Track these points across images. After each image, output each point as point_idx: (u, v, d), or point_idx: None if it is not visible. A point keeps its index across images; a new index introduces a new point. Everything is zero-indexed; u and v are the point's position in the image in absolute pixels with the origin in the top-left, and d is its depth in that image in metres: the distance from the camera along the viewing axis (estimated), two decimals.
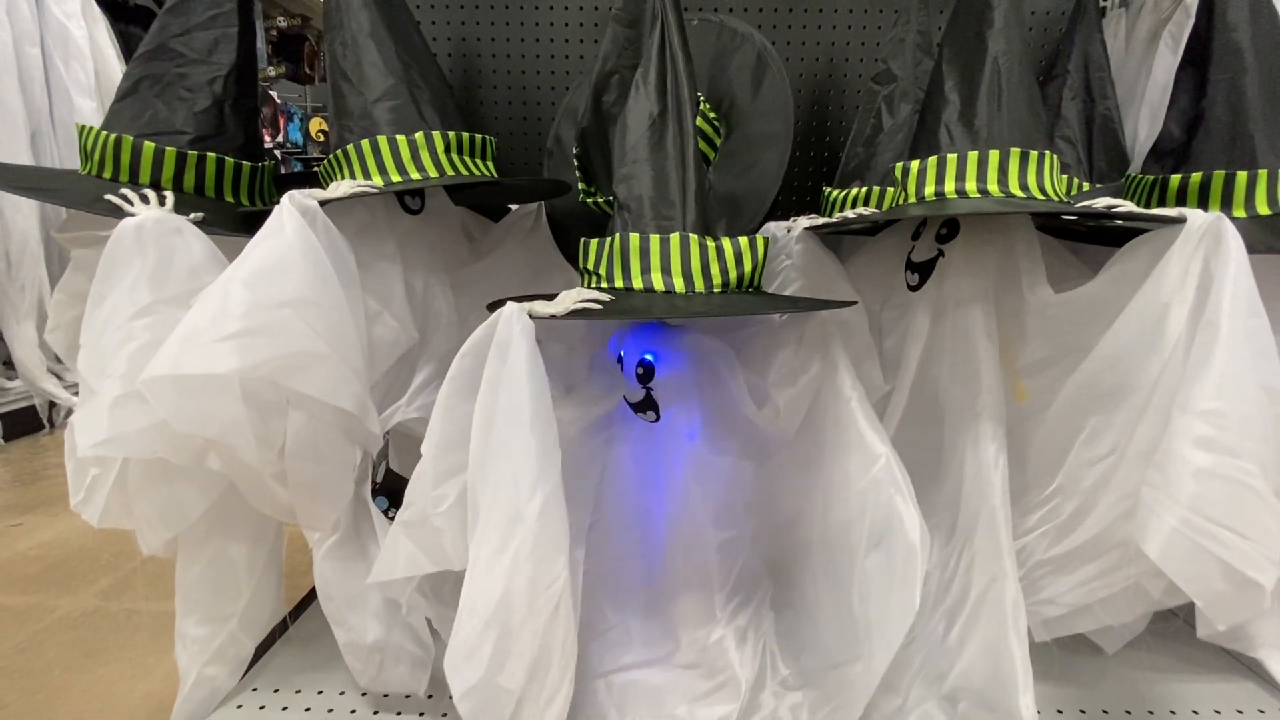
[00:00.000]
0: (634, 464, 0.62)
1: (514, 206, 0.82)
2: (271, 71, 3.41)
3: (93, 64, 2.05)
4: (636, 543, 0.63)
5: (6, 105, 1.88)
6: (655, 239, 0.55)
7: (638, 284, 0.55)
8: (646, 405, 0.59)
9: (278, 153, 3.24)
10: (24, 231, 1.91)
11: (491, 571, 0.46)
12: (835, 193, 0.80)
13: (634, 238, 0.55)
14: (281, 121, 3.56)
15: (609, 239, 0.57)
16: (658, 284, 0.55)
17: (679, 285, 0.55)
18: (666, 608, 0.63)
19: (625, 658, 0.63)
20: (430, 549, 0.51)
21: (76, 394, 0.55)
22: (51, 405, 2.00)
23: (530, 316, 0.48)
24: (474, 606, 0.46)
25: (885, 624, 0.52)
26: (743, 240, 0.56)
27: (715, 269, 0.55)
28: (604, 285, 0.57)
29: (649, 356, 0.58)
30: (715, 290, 0.55)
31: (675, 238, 0.55)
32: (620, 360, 0.59)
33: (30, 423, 2.01)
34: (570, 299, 0.50)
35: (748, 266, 0.56)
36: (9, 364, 2.07)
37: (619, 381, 0.60)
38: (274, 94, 3.38)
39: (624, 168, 0.57)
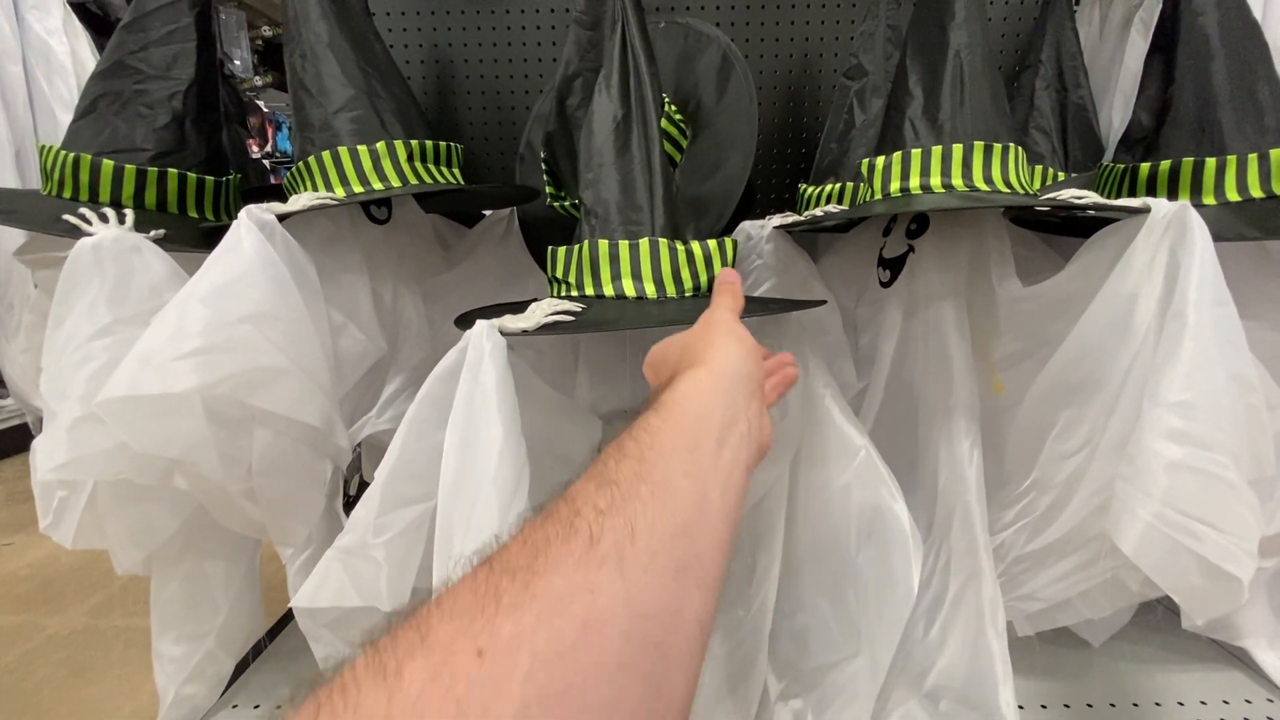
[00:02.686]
0: None
1: (488, 213, 0.82)
2: (258, 81, 3.40)
3: (75, 80, 2.03)
4: None
5: None
6: (625, 245, 0.54)
7: (609, 291, 0.54)
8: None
9: (266, 162, 3.23)
10: (10, 250, 1.90)
11: None
12: (810, 189, 0.79)
13: (603, 244, 0.54)
14: (270, 131, 3.55)
15: (577, 246, 0.56)
16: (629, 290, 0.54)
17: (650, 291, 0.54)
18: None
19: None
20: (362, 582, 0.48)
21: None
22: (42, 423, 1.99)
23: (501, 334, 0.47)
24: None
25: (884, 615, 0.53)
26: (712, 243, 0.56)
27: (686, 273, 0.55)
28: (574, 294, 0.56)
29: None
30: (687, 295, 0.55)
31: (645, 243, 0.54)
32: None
33: (22, 441, 2.01)
34: (541, 311, 0.50)
35: (718, 269, 0.56)
36: (0, 382, 2.07)
37: (608, 378, 0.60)
38: (261, 103, 3.37)
39: (589, 173, 0.57)
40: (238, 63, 3.05)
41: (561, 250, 0.57)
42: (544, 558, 0.21)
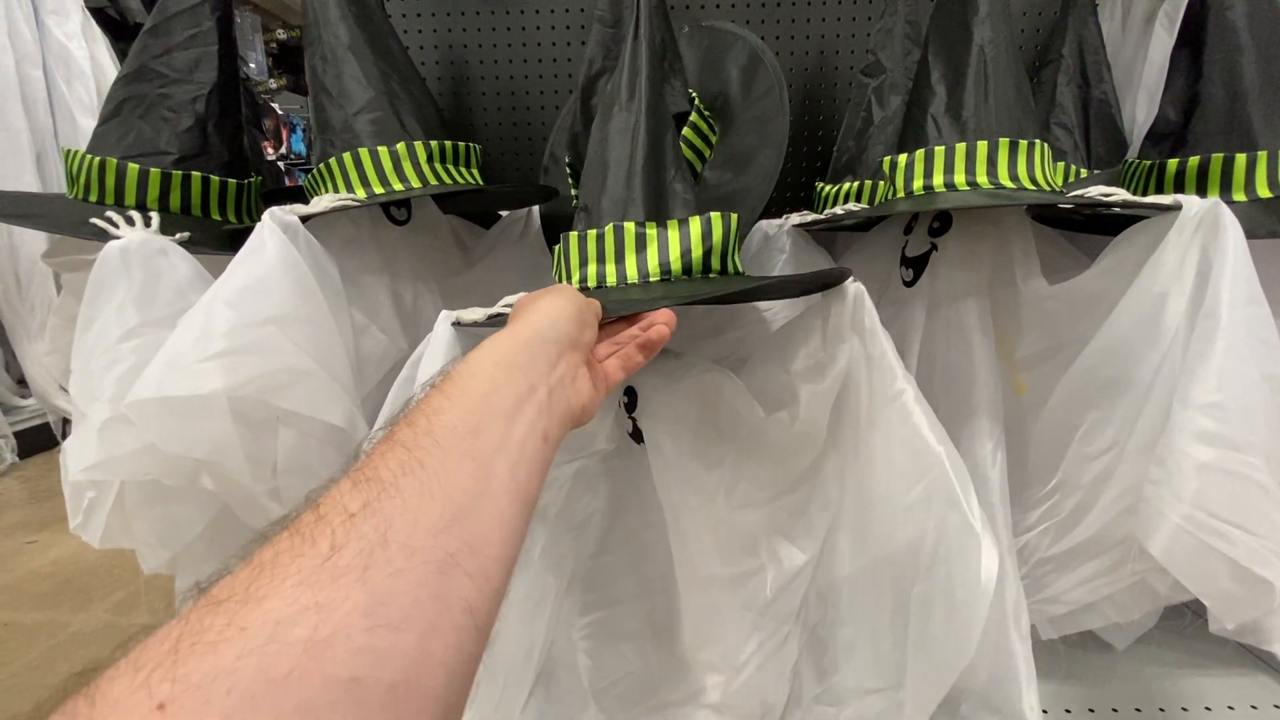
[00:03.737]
0: (638, 501, 0.59)
1: (505, 213, 0.82)
2: (273, 84, 3.43)
3: (94, 83, 2.07)
4: (650, 581, 0.60)
5: (11, 127, 1.90)
6: (592, 234, 0.52)
7: (574, 280, 0.52)
8: (638, 437, 0.56)
9: (281, 164, 3.26)
10: (32, 252, 1.93)
11: None
12: (827, 188, 0.79)
13: (573, 236, 0.53)
14: (284, 133, 3.58)
15: (562, 240, 0.54)
16: (591, 278, 0.52)
17: (611, 277, 0.51)
18: (686, 648, 0.59)
19: (651, 699, 0.60)
20: None
21: None
22: (65, 423, 2.02)
23: (455, 325, 0.48)
24: None
25: (934, 656, 0.48)
26: (695, 222, 0.51)
27: (653, 258, 0.51)
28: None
29: (631, 386, 0.55)
30: (652, 280, 0.50)
31: (610, 228, 0.51)
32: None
33: (44, 440, 2.04)
34: (500, 304, 0.50)
35: (697, 252, 0.51)
36: (22, 382, 2.10)
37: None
38: (276, 106, 3.40)
39: (585, 173, 0.56)
40: (252, 66, 3.08)
41: (557, 248, 0.56)
42: (264, 579, 0.20)
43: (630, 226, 0.51)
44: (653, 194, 0.53)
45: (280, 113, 3.42)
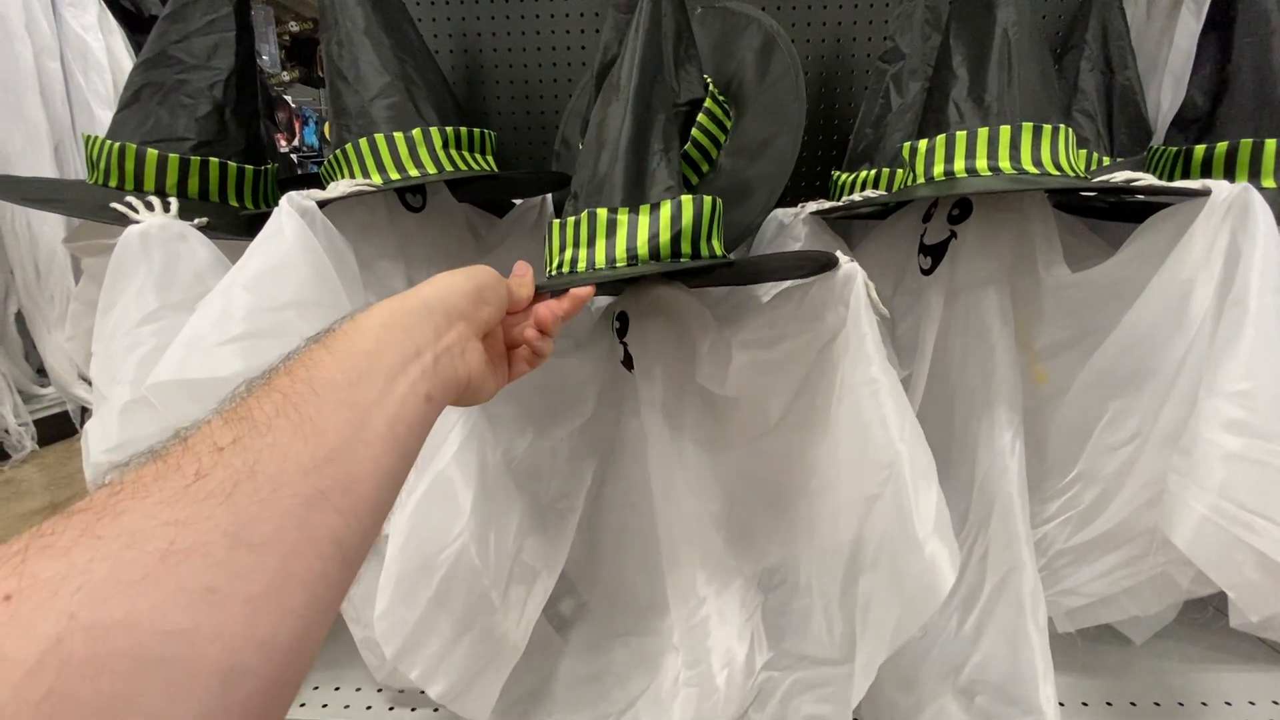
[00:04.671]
0: (632, 432, 0.62)
1: (518, 201, 0.82)
2: (286, 76, 3.45)
3: (111, 75, 2.09)
4: (638, 512, 0.64)
5: (30, 119, 1.92)
6: (571, 220, 0.53)
7: (552, 266, 0.54)
8: (629, 362, 0.59)
9: (294, 157, 3.27)
10: (51, 242, 1.96)
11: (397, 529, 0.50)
12: (844, 176, 0.78)
13: (556, 223, 0.54)
14: (297, 125, 3.60)
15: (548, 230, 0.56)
16: (566, 264, 0.53)
17: (581, 262, 0.52)
18: (663, 579, 0.62)
19: (639, 623, 0.64)
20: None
21: None
22: (84, 411, 2.05)
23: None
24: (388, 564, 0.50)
25: (878, 637, 0.48)
26: (665, 205, 0.51)
27: (621, 243, 0.50)
28: (549, 272, 0.56)
29: (624, 310, 0.57)
30: (619, 265, 0.51)
31: (584, 215, 0.52)
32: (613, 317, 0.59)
33: (63, 428, 2.07)
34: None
35: (665, 236, 0.50)
36: (42, 371, 2.13)
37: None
38: (289, 98, 3.41)
39: (580, 155, 0.56)
40: (265, 58, 3.10)
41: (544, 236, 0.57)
42: (124, 497, 0.20)
43: (602, 212, 0.51)
44: (632, 179, 0.53)
45: (293, 105, 3.44)
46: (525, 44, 0.94)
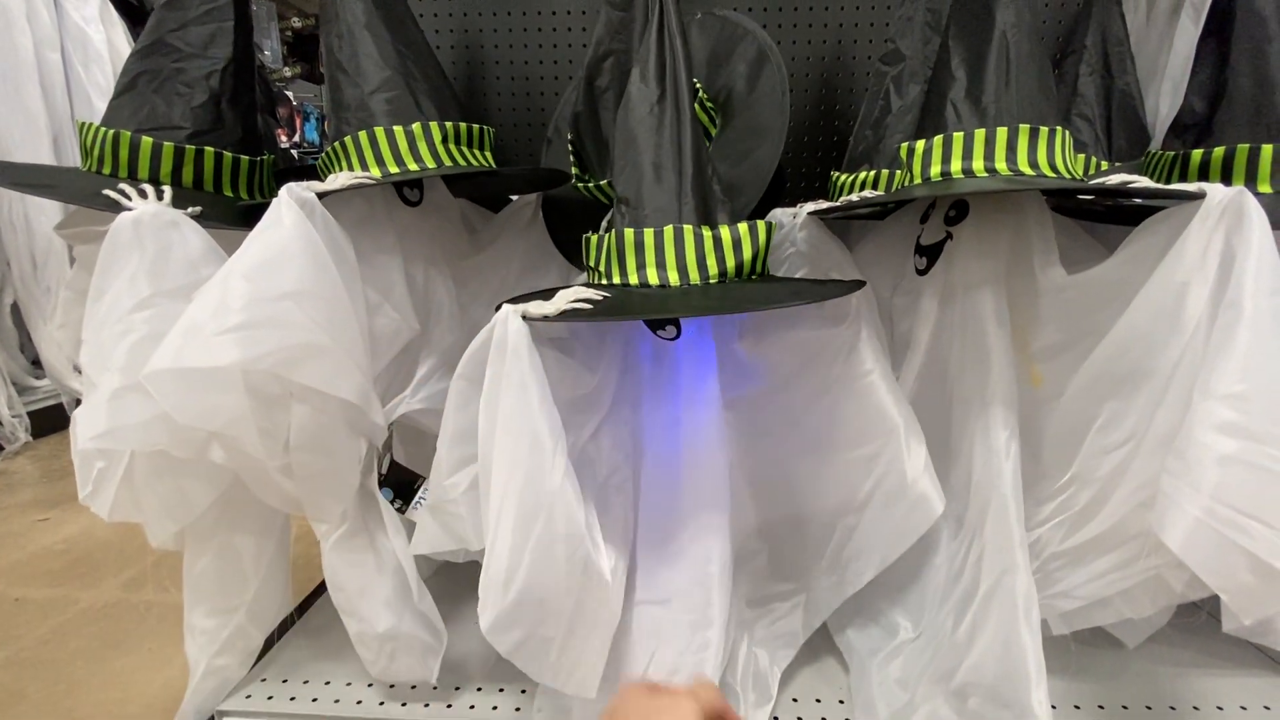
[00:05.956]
0: (667, 398, 0.62)
1: (514, 198, 0.82)
2: (287, 72, 3.44)
3: (111, 67, 2.08)
4: (673, 484, 0.63)
5: (29, 109, 1.92)
6: (649, 233, 0.54)
7: (633, 279, 0.54)
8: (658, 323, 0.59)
9: (295, 153, 3.27)
10: (48, 233, 1.95)
11: (520, 552, 0.48)
12: (843, 177, 0.78)
13: (629, 233, 0.54)
14: (298, 121, 3.59)
15: (607, 235, 0.56)
16: (652, 279, 0.54)
17: (674, 279, 0.54)
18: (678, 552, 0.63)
19: (656, 592, 0.63)
20: (451, 530, 0.56)
21: None
22: (78, 403, 2.04)
23: (524, 318, 0.49)
24: (506, 580, 0.48)
25: (868, 556, 0.59)
26: (742, 227, 0.55)
27: (712, 259, 0.54)
28: (603, 282, 0.56)
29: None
30: (712, 281, 0.54)
31: (669, 230, 0.54)
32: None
33: (58, 420, 2.06)
34: (565, 299, 0.51)
35: (747, 254, 0.55)
36: (37, 363, 2.12)
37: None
38: (290, 94, 3.41)
39: (622, 160, 0.57)
40: (267, 53, 3.09)
41: (594, 239, 0.57)
42: None
43: (689, 230, 0.54)
44: (702, 197, 0.56)
45: (294, 101, 3.44)
46: (527, 41, 0.94)
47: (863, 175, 0.75)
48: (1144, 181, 0.49)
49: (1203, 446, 0.44)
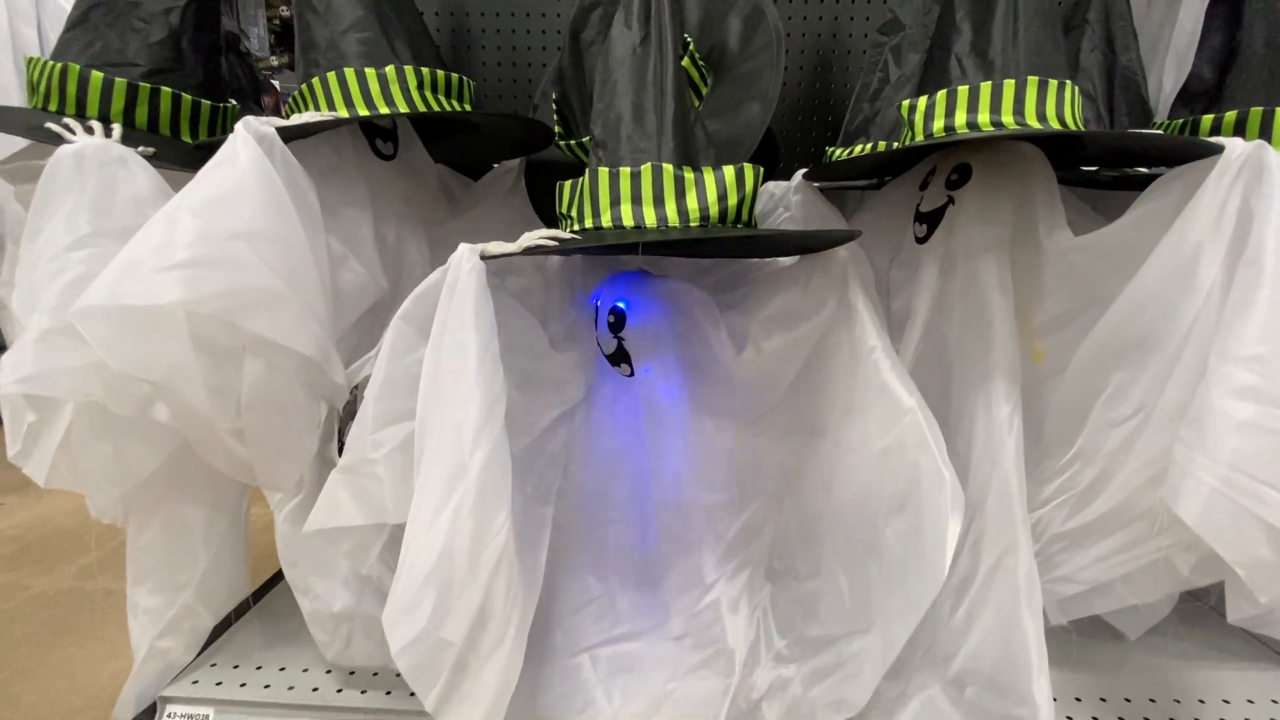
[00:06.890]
0: (613, 424, 0.58)
1: (497, 165, 0.78)
2: (274, 61, 3.39)
3: None
4: (621, 506, 0.59)
5: (3, 85, 1.85)
6: (625, 171, 0.50)
7: (606, 220, 0.50)
8: (619, 357, 0.55)
9: None
10: (18, 215, 1.89)
11: (433, 525, 0.42)
12: (839, 151, 0.75)
13: (603, 172, 0.50)
14: (284, 111, 3.53)
15: (582, 179, 0.53)
16: (627, 218, 0.50)
17: (650, 219, 0.50)
18: (655, 575, 0.59)
19: (614, 630, 0.59)
20: (365, 499, 0.47)
21: None
22: None
23: (483, 257, 0.45)
24: (414, 560, 0.43)
25: (905, 593, 0.48)
26: (728, 170, 0.51)
27: (692, 199, 0.50)
28: (575, 227, 0.53)
29: (620, 304, 0.54)
30: (692, 224, 0.50)
31: (647, 168, 0.50)
32: (596, 311, 0.55)
33: None
34: (530, 237, 0.47)
35: (732, 199, 0.51)
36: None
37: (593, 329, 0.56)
38: (276, 83, 3.35)
39: (601, 102, 0.53)
40: (254, 41, 3.04)
41: (568, 184, 0.54)
42: None
43: (669, 169, 0.50)
44: (683, 138, 0.52)
45: (281, 91, 3.38)
46: (514, 9, 0.91)
47: (859, 148, 0.73)
48: (1158, 133, 0.47)
49: (1220, 413, 0.42)
